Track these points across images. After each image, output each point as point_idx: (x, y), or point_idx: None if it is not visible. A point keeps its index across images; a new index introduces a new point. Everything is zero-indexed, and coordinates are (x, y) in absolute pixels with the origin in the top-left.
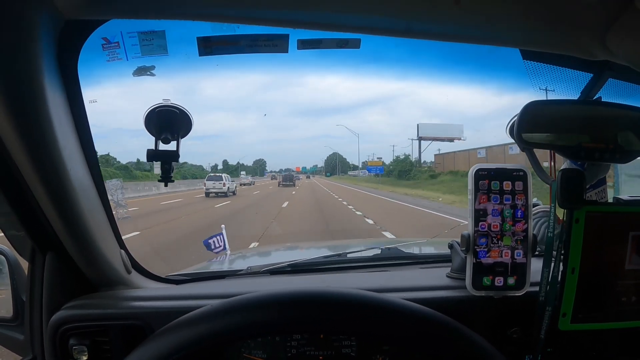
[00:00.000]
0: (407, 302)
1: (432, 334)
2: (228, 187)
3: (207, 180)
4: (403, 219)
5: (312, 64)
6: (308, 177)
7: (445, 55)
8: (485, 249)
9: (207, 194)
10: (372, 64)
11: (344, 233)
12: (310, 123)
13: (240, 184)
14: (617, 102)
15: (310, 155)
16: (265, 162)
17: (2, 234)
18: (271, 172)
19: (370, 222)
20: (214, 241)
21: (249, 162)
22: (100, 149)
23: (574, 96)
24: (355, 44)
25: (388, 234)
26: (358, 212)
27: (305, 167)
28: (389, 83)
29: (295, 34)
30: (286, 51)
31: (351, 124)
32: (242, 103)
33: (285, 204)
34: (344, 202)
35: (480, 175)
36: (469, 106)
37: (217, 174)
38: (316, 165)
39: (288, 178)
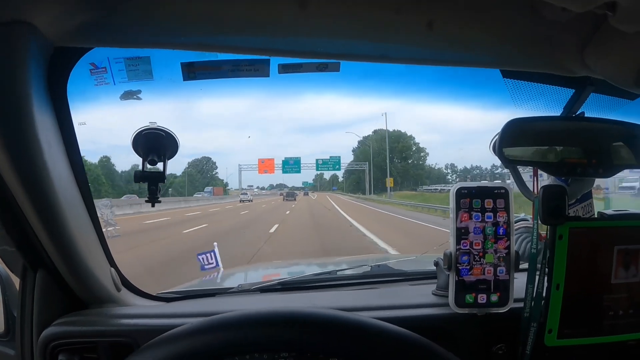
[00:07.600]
0: (380, 322)
1: (409, 356)
2: (250, 198)
3: (241, 194)
4: None
5: (309, 82)
6: (306, 193)
7: (439, 70)
8: (468, 267)
9: (240, 201)
10: (370, 80)
11: None
12: (309, 140)
13: None
14: (601, 116)
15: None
16: (214, 163)
17: None
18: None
19: None
20: (206, 257)
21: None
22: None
23: (558, 112)
24: (335, 67)
25: None
26: None
27: (297, 161)
28: (386, 99)
29: (276, 59)
30: (267, 75)
31: (352, 139)
32: (237, 121)
33: None
34: None
35: (461, 193)
36: (469, 120)
37: (245, 191)
38: (338, 157)
39: (290, 194)
